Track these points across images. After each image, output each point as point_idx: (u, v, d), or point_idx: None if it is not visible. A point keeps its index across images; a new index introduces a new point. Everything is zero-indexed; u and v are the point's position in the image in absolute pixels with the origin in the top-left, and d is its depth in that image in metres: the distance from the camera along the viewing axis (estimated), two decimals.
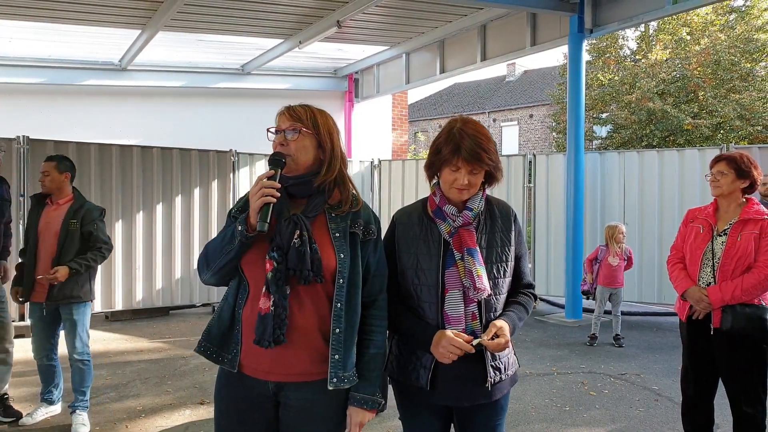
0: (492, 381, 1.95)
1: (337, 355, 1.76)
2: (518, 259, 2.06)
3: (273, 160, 1.76)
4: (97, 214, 3.93)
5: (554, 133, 22.30)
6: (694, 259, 3.09)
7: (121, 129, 9.54)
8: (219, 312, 1.86)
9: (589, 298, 6.70)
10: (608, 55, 19.35)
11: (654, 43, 18.68)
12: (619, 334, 6.35)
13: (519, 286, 2.08)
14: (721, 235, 3.02)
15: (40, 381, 4.07)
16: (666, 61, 18.23)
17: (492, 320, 1.94)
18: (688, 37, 18.01)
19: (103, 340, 6.42)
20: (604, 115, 19.60)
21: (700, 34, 17.73)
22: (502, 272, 2.00)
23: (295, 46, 8.95)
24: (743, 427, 3.02)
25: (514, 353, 2.11)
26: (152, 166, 7.65)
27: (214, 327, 1.85)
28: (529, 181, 8.51)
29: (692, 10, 16.13)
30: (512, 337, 1.97)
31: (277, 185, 1.70)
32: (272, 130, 1.83)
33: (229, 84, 10.58)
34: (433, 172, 2.01)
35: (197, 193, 7.97)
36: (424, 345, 1.93)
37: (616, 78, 18.85)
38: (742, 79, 17.09)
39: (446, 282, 1.94)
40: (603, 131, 20.29)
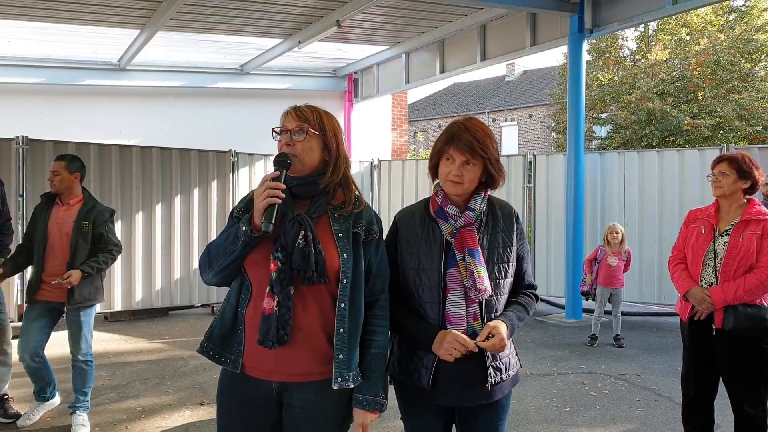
0: (492, 381, 1.95)
1: (341, 355, 1.75)
2: (520, 260, 2.05)
3: (278, 161, 1.76)
4: (108, 216, 3.90)
5: (554, 133, 22.31)
6: (696, 259, 3.09)
7: (121, 129, 9.54)
8: (221, 312, 1.86)
9: (589, 299, 6.69)
10: (608, 55, 19.36)
11: (654, 44, 18.69)
12: (619, 335, 6.35)
13: (521, 286, 2.07)
14: (723, 236, 3.02)
15: (32, 382, 3.95)
16: (665, 61, 18.24)
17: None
18: (687, 38, 18.03)
19: (103, 341, 6.41)
20: (604, 115, 19.60)
21: (699, 34, 17.74)
22: (504, 273, 1.99)
23: (294, 46, 8.95)
24: (744, 428, 3.01)
25: (516, 354, 2.10)
26: (151, 166, 7.64)
27: (216, 328, 1.84)
28: (529, 182, 8.50)
29: (692, 11, 16.14)
30: (512, 337, 1.97)
31: (282, 186, 1.70)
32: (277, 130, 1.82)
33: (229, 84, 10.57)
34: (434, 171, 2.01)
35: (196, 193, 7.96)
36: (426, 345, 1.92)
37: (616, 78, 18.86)
38: (741, 79, 17.10)
39: (448, 282, 1.93)
40: (603, 131, 20.29)
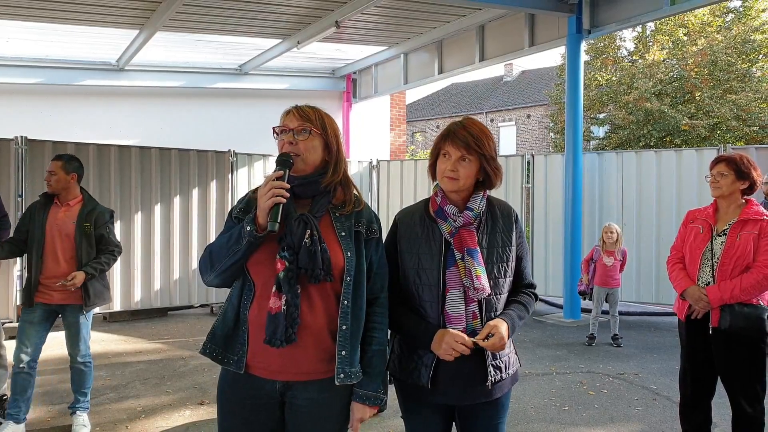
0: (492, 380, 1.97)
1: (344, 351, 1.77)
2: (519, 260, 2.07)
3: (281, 161, 1.76)
4: (108, 217, 3.89)
5: (552, 134, 22.32)
6: (694, 259, 3.11)
7: (120, 129, 9.54)
8: (223, 313, 1.87)
9: (586, 299, 6.73)
10: (606, 56, 19.39)
11: (651, 44, 18.73)
12: (617, 334, 6.37)
13: (520, 285, 2.09)
14: (721, 236, 3.04)
15: (11, 392, 3.68)
16: (663, 61, 18.28)
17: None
18: (685, 38, 18.07)
19: (102, 341, 6.41)
20: (602, 116, 19.63)
21: (697, 34, 17.79)
22: (503, 272, 2.01)
23: (293, 47, 8.95)
24: (742, 427, 3.03)
25: (515, 352, 2.12)
26: (150, 167, 7.65)
27: (218, 329, 1.85)
28: (528, 182, 8.52)
29: (690, 11, 16.18)
30: (512, 335, 1.98)
31: (287, 185, 1.71)
32: (278, 129, 1.83)
33: (227, 84, 10.57)
34: (433, 170, 2.03)
35: (195, 193, 7.96)
36: (426, 344, 1.94)
37: (614, 78, 18.89)
38: (738, 79, 17.15)
39: (447, 281, 1.95)
40: (601, 131, 20.33)
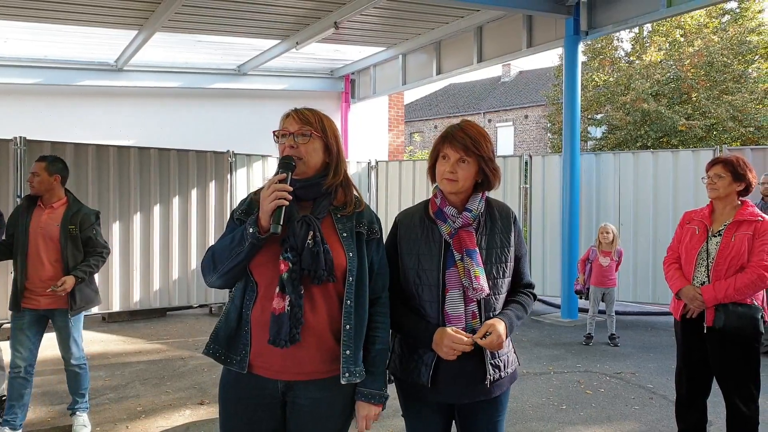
0: (491, 378, 2.00)
1: (348, 351, 1.80)
2: (518, 260, 2.10)
3: (283, 164, 1.79)
4: (94, 219, 3.84)
5: (549, 134, 22.39)
6: (689, 259, 3.15)
7: (119, 130, 9.54)
8: (226, 314, 1.89)
9: (582, 298, 6.78)
10: (603, 56, 19.45)
11: (648, 45, 18.79)
12: (614, 334, 6.41)
13: (519, 285, 2.12)
14: (716, 236, 3.08)
15: (7, 397, 3.65)
16: (660, 62, 18.35)
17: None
18: (681, 39, 18.13)
19: (101, 342, 6.43)
20: (599, 116, 19.69)
21: (693, 36, 17.86)
22: (502, 273, 2.04)
23: (292, 47, 8.97)
24: (736, 425, 3.07)
25: (514, 351, 2.15)
26: (149, 167, 7.65)
27: (221, 329, 1.87)
28: (525, 182, 8.56)
29: (686, 13, 16.23)
30: (511, 335, 2.02)
31: (290, 188, 1.73)
32: (278, 133, 1.85)
33: (226, 84, 10.58)
34: (432, 172, 2.05)
35: (194, 194, 7.97)
36: (426, 344, 1.97)
37: (611, 79, 18.95)
38: (734, 80, 17.22)
39: (447, 282, 1.98)
40: (598, 132, 20.38)
